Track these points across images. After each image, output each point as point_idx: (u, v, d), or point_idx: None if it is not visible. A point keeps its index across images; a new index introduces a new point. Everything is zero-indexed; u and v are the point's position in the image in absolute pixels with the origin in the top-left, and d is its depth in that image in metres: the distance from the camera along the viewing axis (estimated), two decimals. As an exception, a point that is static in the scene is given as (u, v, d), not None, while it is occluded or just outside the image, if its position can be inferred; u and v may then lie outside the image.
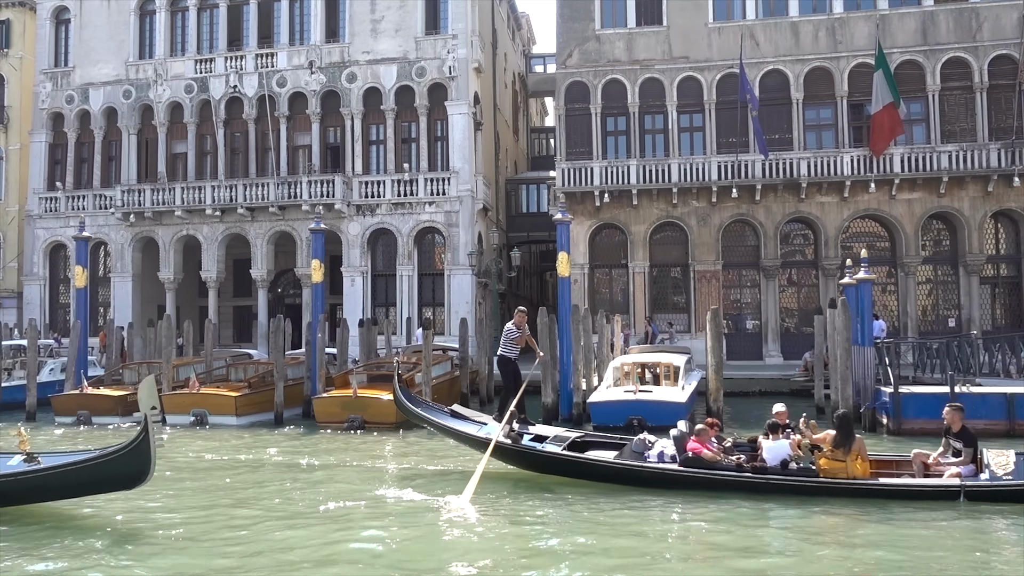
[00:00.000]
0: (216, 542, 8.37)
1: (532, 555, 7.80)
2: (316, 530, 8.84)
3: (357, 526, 8.97)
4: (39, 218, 34.38)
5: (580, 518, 9.19)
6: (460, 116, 31.01)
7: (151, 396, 8.18)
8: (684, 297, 30.51)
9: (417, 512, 9.62)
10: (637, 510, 9.41)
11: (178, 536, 8.52)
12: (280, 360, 18.52)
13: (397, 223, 31.07)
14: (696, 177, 29.15)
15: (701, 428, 10.19)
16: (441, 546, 8.32)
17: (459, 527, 8.95)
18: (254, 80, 32.71)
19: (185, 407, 18.13)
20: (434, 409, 12.15)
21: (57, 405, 19.17)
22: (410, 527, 8.91)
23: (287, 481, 11.81)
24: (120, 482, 8.72)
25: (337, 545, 8.24)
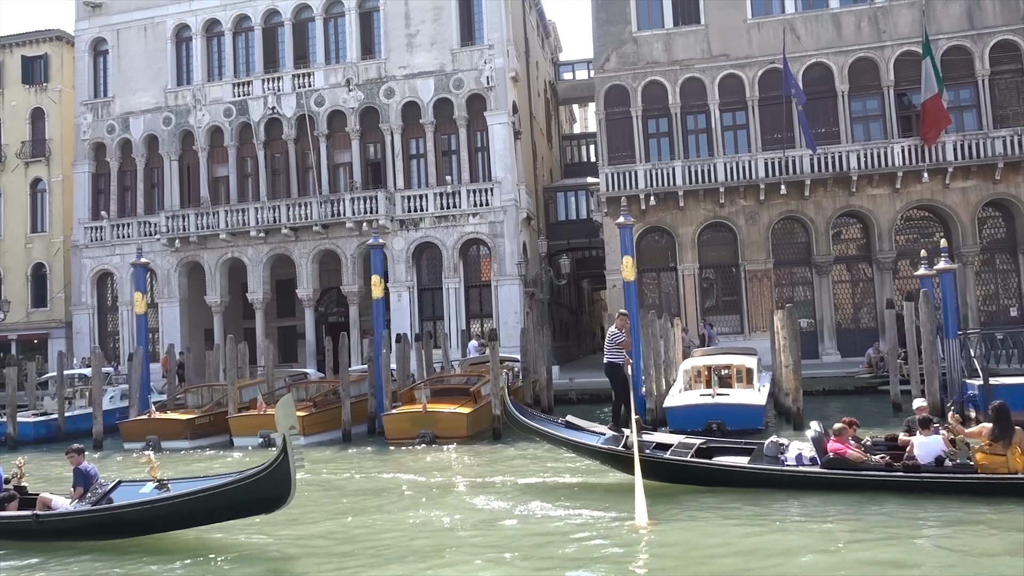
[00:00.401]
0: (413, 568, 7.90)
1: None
2: (530, 562, 7.99)
3: (568, 556, 8.15)
4: (85, 247, 34.68)
5: (777, 527, 8.69)
6: (500, 126, 30.88)
7: (289, 415, 7.97)
8: (735, 298, 30.05)
9: (609, 534, 8.89)
10: (810, 515, 8.98)
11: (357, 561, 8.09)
12: (346, 377, 18.36)
13: (441, 236, 30.95)
14: (743, 175, 28.75)
15: (840, 428, 9.76)
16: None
17: (678, 547, 8.21)
18: (292, 100, 32.83)
19: (252, 429, 18.03)
20: (548, 421, 11.85)
21: (126, 431, 19.15)
22: (630, 558, 8.16)
23: (421, 498, 11.28)
24: (260, 506, 8.45)
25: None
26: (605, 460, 11.05)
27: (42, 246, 38.64)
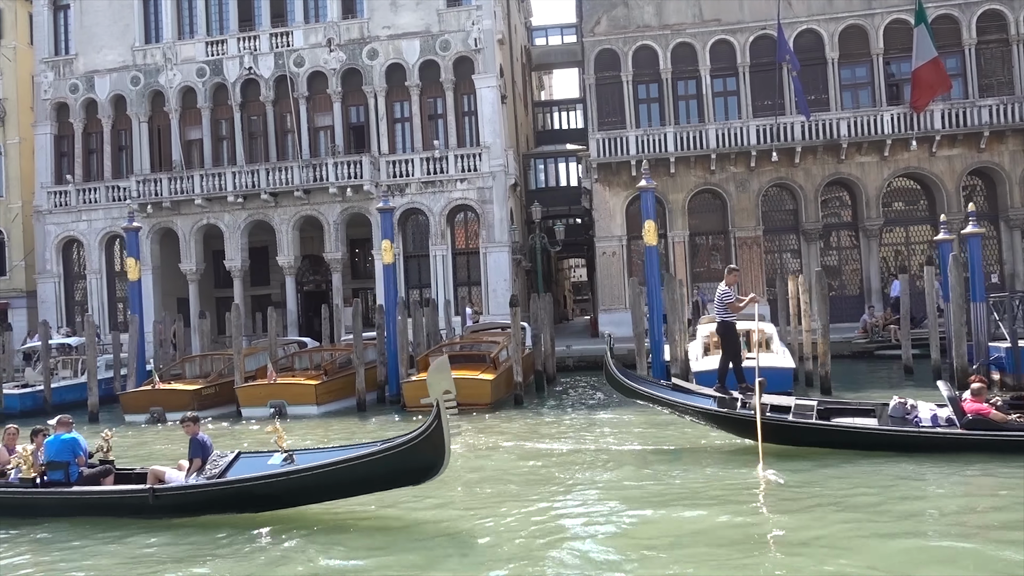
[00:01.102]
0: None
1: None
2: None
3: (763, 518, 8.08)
4: (49, 213, 33.08)
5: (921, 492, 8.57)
6: (488, 90, 30.21)
7: (445, 379, 7.46)
8: (725, 264, 30.04)
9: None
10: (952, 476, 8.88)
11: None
12: (360, 344, 17.79)
13: (428, 202, 30.28)
14: (734, 142, 28.69)
15: (979, 387, 9.61)
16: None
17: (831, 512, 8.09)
18: (270, 61, 31.61)
19: (262, 399, 17.39)
20: (654, 384, 11.49)
21: (127, 403, 18.29)
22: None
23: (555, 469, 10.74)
24: (409, 477, 7.88)
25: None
26: (719, 423, 10.80)
27: (0, 212, 36.81)
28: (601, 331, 29.69)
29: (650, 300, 17.64)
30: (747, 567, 6.60)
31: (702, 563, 6.74)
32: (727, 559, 6.80)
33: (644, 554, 7.03)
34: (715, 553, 6.96)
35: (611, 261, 29.98)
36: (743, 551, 6.99)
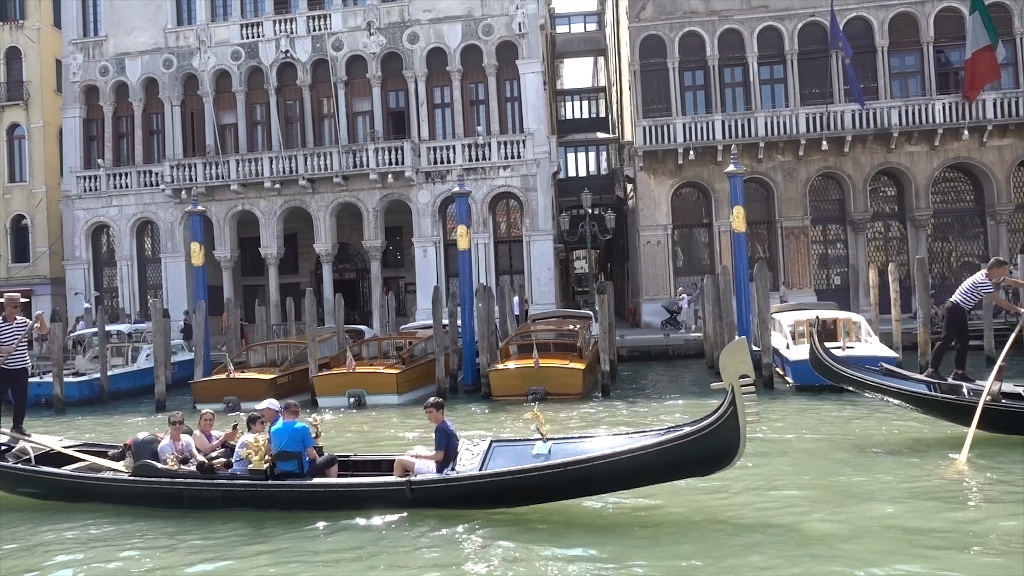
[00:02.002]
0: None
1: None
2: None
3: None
4: (78, 198, 32.39)
5: None
6: (532, 75, 29.74)
7: (740, 362, 7.00)
8: (770, 254, 29.82)
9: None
10: None
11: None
12: (440, 332, 17.36)
13: (470, 189, 29.71)
14: (783, 131, 28.34)
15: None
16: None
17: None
18: (307, 44, 31.00)
19: (340, 388, 16.94)
20: (867, 371, 11.02)
21: (199, 391, 17.77)
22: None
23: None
24: (700, 466, 7.29)
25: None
26: (939, 411, 10.42)
27: (22, 197, 36.06)
28: (645, 321, 29.39)
29: (738, 288, 17.29)
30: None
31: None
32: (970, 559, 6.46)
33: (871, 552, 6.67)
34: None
35: (655, 250, 29.62)
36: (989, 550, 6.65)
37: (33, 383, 19.92)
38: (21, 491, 9.27)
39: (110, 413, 18.79)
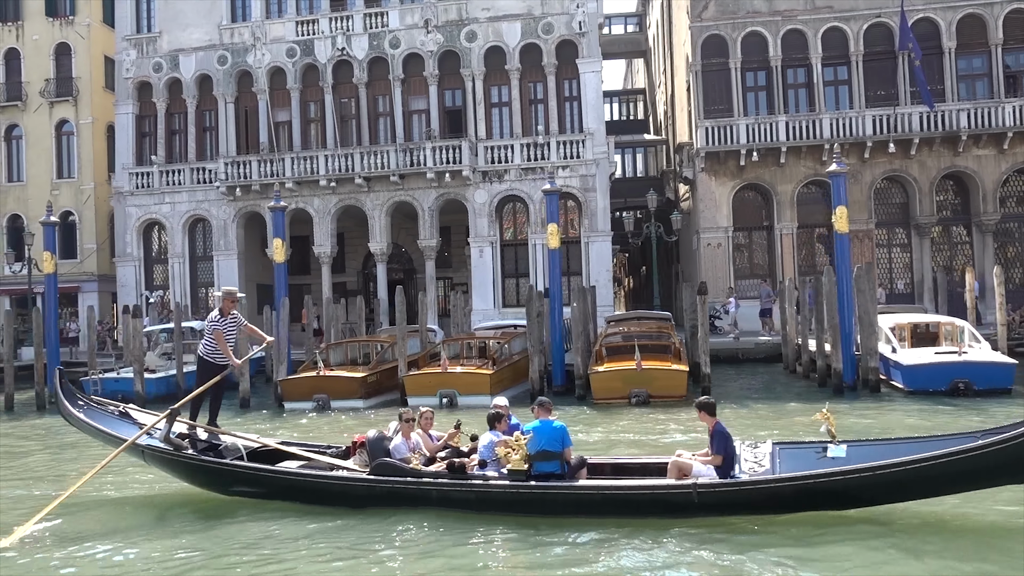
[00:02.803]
0: None
1: None
2: None
3: None
4: (130, 195, 32.23)
5: None
6: (592, 75, 29.46)
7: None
8: (831, 257, 29.40)
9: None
10: None
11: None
12: (535, 330, 17.06)
13: (528, 189, 29.51)
14: (848, 132, 27.96)
15: None
16: None
17: None
18: (363, 42, 30.79)
19: (431, 388, 16.66)
20: None
21: (288, 389, 17.50)
22: None
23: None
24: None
25: None
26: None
27: (70, 193, 35.94)
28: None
29: (840, 291, 16.90)
30: None
31: None
32: None
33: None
34: None
35: (715, 253, 29.26)
36: None
37: (109, 379, 19.86)
38: (236, 490, 8.84)
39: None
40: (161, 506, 9.24)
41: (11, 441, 15.46)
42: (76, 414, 9.46)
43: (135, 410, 10.30)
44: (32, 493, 10.31)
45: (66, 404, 9.55)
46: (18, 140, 36.40)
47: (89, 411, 9.62)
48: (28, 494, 10.25)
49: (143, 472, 10.51)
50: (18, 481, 11.28)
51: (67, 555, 7.41)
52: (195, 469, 8.92)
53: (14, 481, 11.28)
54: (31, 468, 12.51)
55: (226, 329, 9.40)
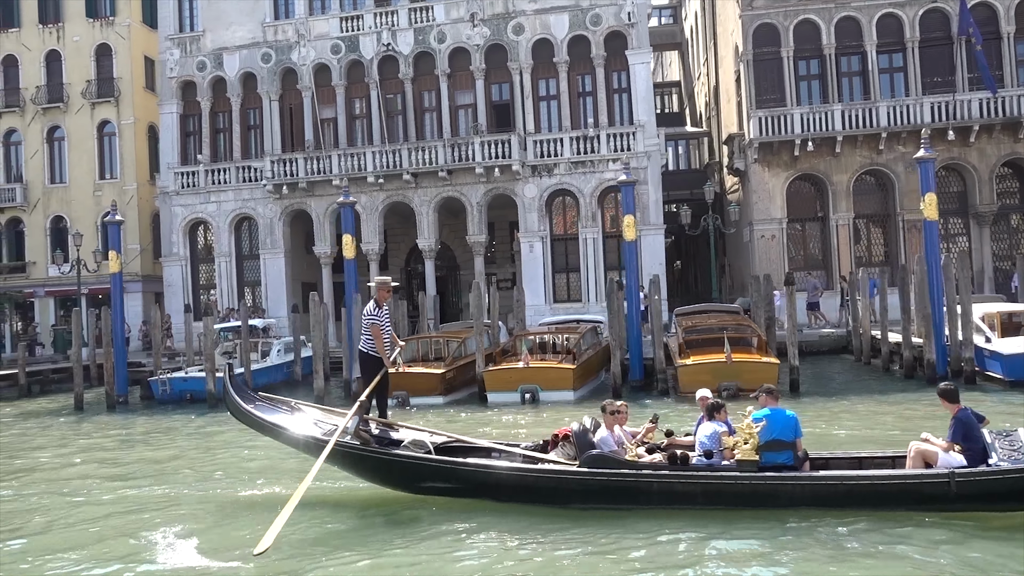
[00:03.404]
0: None
1: None
2: None
3: None
4: (176, 194, 32.15)
5: None
6: (642, 66, 29.13)
7: None
8: (887, 248, 29.02)
9: None
10: None
11: None
12: (617, 325, 16.77)
13: (578, 183, 29.19)
14: (905, 120, 27.48)
15: None
16: None
17: None
18: (409, 37, 30.56)
19: (512, 384, 16.41)
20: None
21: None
22: None
23: None
24: None
25: None
26: None
27: (113, 193, 35.83)
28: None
29: (931, 280, 16.50)
30: None
31: None
32: None
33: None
34: None
35: (769, 245, 28.84)
36: None
37: (177, 379, 19.73)
38: (427, 487, 8.50)
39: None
40: (355, 506, 8.84)
41: (109, 441, 15.22)
42: (250, 410, 9.08)
43: (306, 405, 9.96)
44: (193, 492, 10.11)
45: (237, 400, 9.17)
46: (60, 142, 36.45)
47: (261, 407, 9.28)
48: (203, 493, 10.07)
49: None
50: (176, 482, 11.04)
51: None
52: (387, 465, 8.52)
53: (171, 482, 11.03)
54: (170, 466, 12.30)
55: (383, 321, 9.12)
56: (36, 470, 12.52)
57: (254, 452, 12.68)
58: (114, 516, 8.99)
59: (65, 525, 8.78)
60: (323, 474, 8.64)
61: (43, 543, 8.04)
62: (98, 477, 11.57)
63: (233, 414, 9.48)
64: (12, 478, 11.73)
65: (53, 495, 10.36)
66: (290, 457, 11.79)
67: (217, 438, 14.79)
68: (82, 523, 8.79)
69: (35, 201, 36.30)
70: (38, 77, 36.27)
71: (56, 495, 10.35)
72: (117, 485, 10.78)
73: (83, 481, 11.27)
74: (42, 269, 36.21)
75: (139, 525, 8.47)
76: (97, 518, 8.95)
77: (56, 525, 8.79)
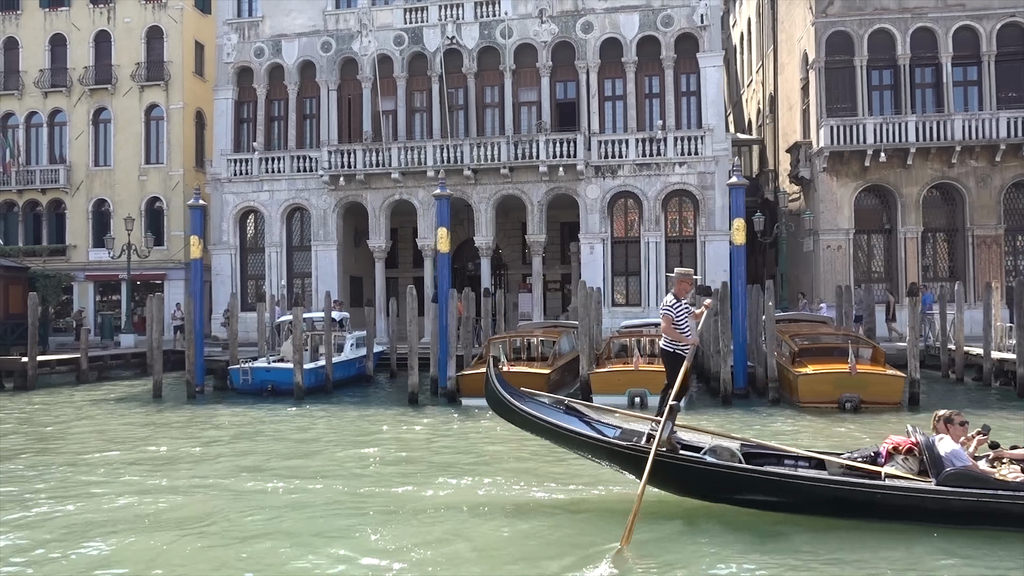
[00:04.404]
0: None
1: None
2: None
3: None
4: (229, 181, 31.63)
5: None
6: (713, 69, 28.71)
7: None
8: (953, 264, 28.62)
9: None
10: None
11: None
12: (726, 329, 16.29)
13: (642, 185, 28.75)
14: (980, 134, 27.10)
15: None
16: None
17: None
18: (474, 31, 30.10)
19: (620, 386, 15.93)
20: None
21: (467, 385, 16.75)
22: None
23: None
24: None
25: None
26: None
27: (158, 179, 35.41)
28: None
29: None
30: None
31: None
32: None
33: None
34: None
35: (835, 256, 28.42)
36: None
37: (259, 368, 19.21)
38: (735, 498, 7.94)
39: (351, 402, 17.93)
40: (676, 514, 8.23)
41: (227, 433, 14.57)
42: (523, 408, 8.47)
43: (579, 404, 9.35)
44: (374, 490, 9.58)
45: (506, 395, 8.53)
46: (106, 124, 35.90)
47: (534, 404, 8.68)
48: (382, 491, 9.54)
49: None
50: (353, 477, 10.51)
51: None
52: (696, 474, 7.91)
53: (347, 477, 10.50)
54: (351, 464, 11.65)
55: (677, 313, 8.58)
56: (200, 461, 11.78)
57: (390, 446, 12.18)
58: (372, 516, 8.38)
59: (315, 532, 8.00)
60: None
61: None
62: (280, 473, 10.69)
63: (497, 409, 8.75)
64: (193, 473, 10.84)
65: (262, 493, 9.55)
66: (440, 453, 11.38)
67: (344, 431, 14.23)
68: (341, 528, 8.08)
69: (78, 184, 35.73)
70: (86, 58, 35.72)
71: (263, 492, 9.57)
72: (320, 484, 9.97)
73: (264, 475, 10.56)
74: (83, 253, 35.64)
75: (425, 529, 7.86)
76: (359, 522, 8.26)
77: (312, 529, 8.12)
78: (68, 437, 14.05)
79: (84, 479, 10.33)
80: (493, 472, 10.48)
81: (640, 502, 7.29)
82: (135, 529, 7.96)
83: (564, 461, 10.43)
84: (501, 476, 10.12)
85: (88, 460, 11.76)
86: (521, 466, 10.86)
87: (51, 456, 12.22)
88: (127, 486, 9.87)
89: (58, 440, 13.79)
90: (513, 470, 10.60)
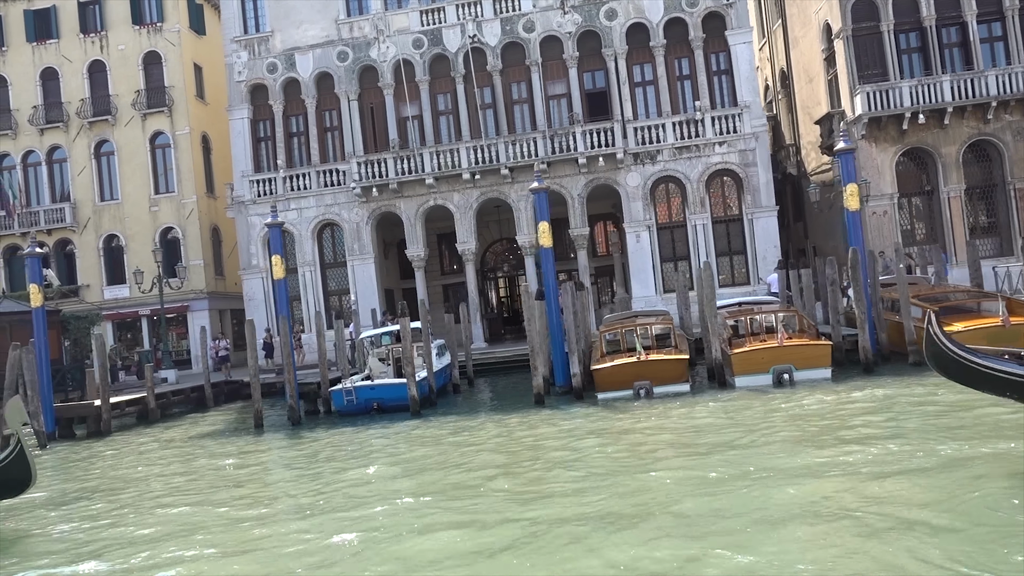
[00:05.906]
0: None
1: None
2: None
3: None
4: (252, 203, 30.56)
5: None
6: (744, 46, 28.55)
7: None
8: (994, 219, 28.82)
9: None
10: None
11: None
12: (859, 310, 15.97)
13: (683, 169, 28.46)
14: (1014, 88, 27.33)
15: None
16: None
17: None
18: (495, 27, 29.54)
19: (763, 365, 15.52)
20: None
21: (603, 379, 15.88)
22: None
23: None
24: None
25: None
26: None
27: (171, 208, 34.18)
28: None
29: None
30: None
31: None
32: None
33: None
34: None
35: (882, 221, 28.43)
36: None
37: (363, 387, 18.38)
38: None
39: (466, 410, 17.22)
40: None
41: (395, 462, 12.90)
42: (985, 364, 8.33)
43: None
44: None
45: (962, 353, 8.34)
46: (109, 156, 34.57)
47: (991, 359, 8.45)
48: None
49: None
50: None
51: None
52: None
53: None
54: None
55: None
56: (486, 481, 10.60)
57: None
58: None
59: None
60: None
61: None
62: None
63: (948, 371, 8.52)
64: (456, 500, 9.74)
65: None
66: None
67: (519, 442, 13.31)
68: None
69: (85, 220, 34.31)
70: (82, 90, 34.36)
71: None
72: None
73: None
74: (97, 291, 34.23)
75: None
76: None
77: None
78: (267, 482, 12.48)
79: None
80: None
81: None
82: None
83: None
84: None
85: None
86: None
87: (314, 498, 10.73)
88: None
89: (253, 483, 12.32)
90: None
